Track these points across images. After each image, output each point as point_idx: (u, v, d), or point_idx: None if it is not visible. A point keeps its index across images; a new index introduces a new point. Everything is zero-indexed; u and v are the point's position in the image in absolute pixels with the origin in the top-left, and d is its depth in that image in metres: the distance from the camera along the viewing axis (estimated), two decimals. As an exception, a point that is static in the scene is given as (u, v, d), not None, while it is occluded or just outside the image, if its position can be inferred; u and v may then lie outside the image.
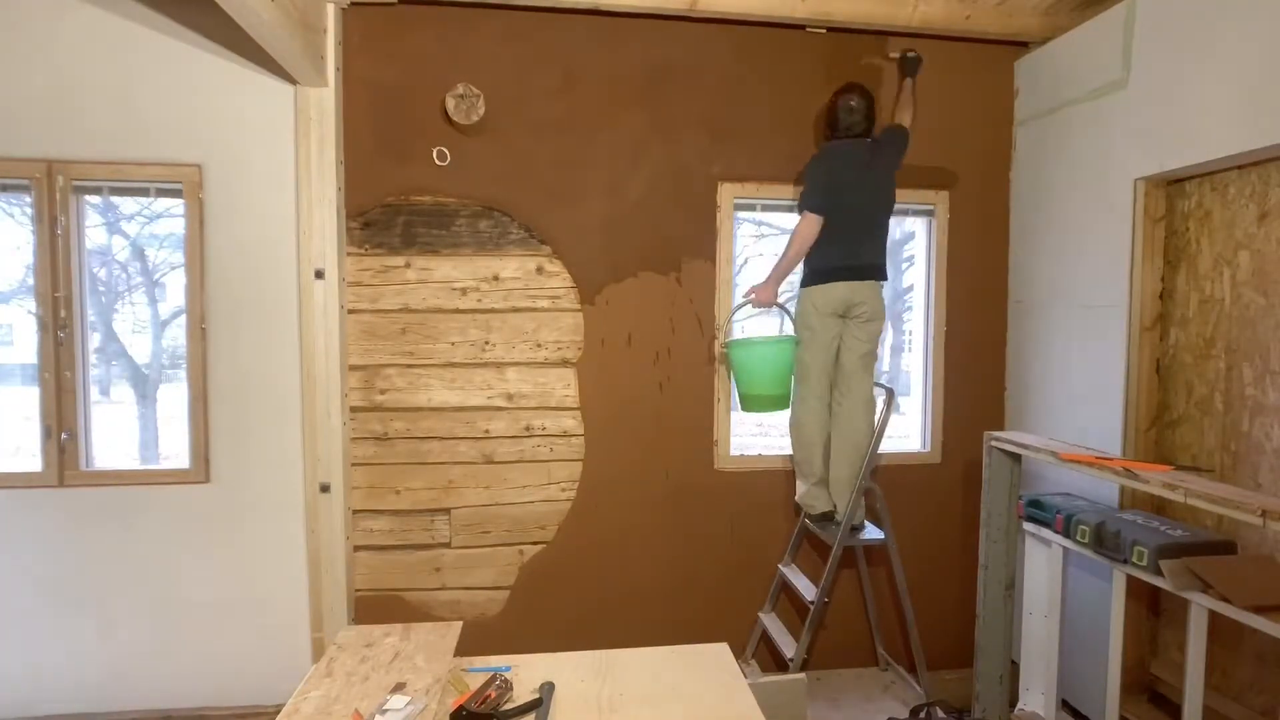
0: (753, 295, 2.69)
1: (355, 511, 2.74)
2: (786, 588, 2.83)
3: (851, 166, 2.58)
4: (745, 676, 2.86)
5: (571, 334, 2.80)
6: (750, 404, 2.64)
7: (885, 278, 2.64)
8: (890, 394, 2.66)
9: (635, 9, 2.65)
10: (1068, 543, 2.34)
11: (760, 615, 2.87)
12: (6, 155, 2.49)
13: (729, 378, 2.80)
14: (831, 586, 2.59)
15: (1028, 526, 2.53)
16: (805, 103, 2.86)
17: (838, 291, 2.57)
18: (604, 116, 2.77)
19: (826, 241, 2.57)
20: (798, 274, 2.73)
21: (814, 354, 2.63)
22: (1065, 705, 2.60)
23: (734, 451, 2.92)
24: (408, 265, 2.72)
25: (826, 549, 2.62)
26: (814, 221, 2.56)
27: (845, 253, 2.58)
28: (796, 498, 2.76)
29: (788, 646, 2.63)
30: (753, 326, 3.17)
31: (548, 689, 1.55)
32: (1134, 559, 2.06)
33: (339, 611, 2.65)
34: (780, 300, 2.69)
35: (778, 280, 2.66)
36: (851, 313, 2.60)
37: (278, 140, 2.58)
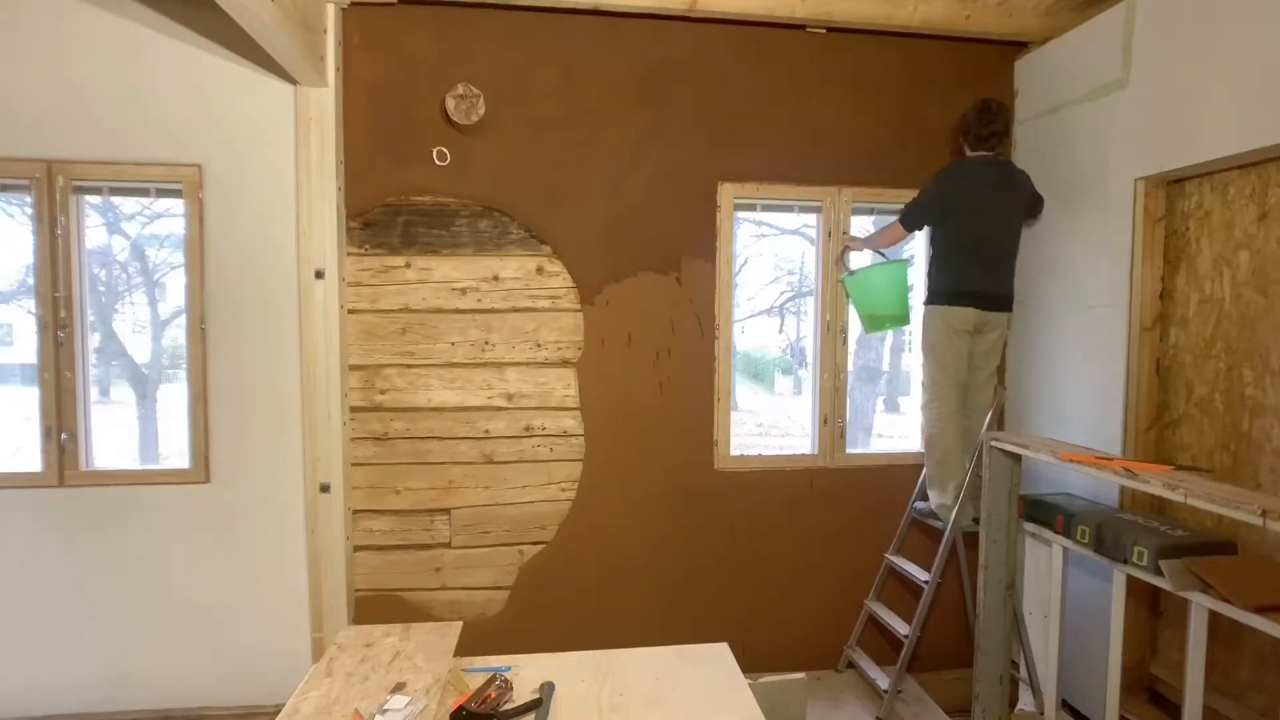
0: (846, 238, 2.92)
1: (355, 511, 2.74)
2: (894, 574, 2.90)
3: (987, 186, 2.53)
4: (852, 663, 2.96)
5: (571, 334, 2.80)
6: (873, 324, 2.85)
7: (1012, 309, 2.63)
8: (1003, 391, 2.73)
9: (635, 9, 2.65)
10: (1068, 543, 2.34)
11: (867, 603, 2.91)
12: (6, 155, 2.49)
13: (847, 303, 2.95)
14: (944, 568, 2.62)
15: (1028, 526, 2.53)
16: (805, 103, 2.86)
17: (968, 313, 2.56)
18: (604, 116, 2.77)
19: (960, 263, 2.55)
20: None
21: (948, 370, 2.60)
22: (1065, 705, 2.60)
23: (734, 451, 2.92)
24: (408, 265, 2.72)
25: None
26: (903, 234, 2.71)
27: (978, 278, 2.54)
28: (932, 506, 2.70)
29: (900, 626, 2.68)
30: (753, 326, 3.18)
31: (548, 689, 1.55)
32: (1134, 559, 2.06)
33: (339, 611, 2.65)
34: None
35: (865, 246, 2.88)
36: (982, 330, 2.59)
37: (278, 140, 2.58)
